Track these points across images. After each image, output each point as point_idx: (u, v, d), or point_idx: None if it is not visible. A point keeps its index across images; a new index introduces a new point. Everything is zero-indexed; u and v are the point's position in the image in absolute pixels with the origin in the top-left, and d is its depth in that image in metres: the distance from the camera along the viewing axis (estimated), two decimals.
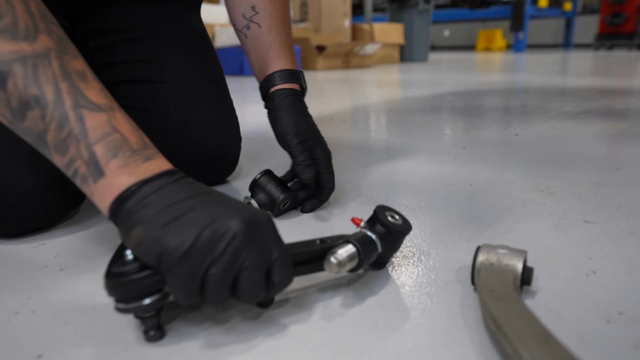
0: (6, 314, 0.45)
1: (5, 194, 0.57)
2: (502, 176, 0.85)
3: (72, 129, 0.39)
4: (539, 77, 2.85)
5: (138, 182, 0.38)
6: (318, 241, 0.46)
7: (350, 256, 0.43)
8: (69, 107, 0.40)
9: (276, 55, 0.68)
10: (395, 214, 0.49)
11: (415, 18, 4.86)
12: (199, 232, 0.35)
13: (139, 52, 0.73)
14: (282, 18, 0.70)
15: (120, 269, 0.37)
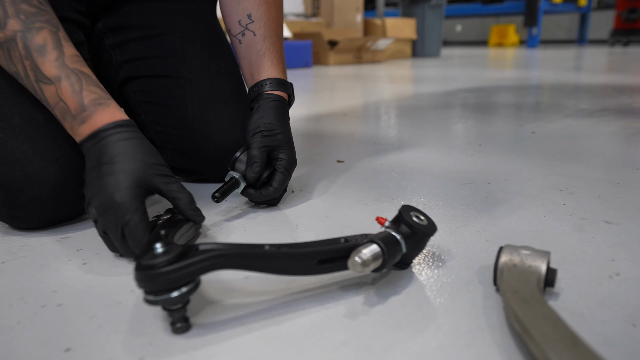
0: (33, 307, 0.45)
1: (28, 184, 0.58)
2: (520, 175, 0.84)
3: (39, 97, 0.54)
4: (553, 74, 2.82)
5: (80, 142, 0.53)
6: (342, 240, 0.46)
7: (375, 256, 0.43)
8: (34, 82, 0.53)
9: (269, 63, 0.71)
10: (420, 215, 0.49)
11: (428, 13, 4.83)
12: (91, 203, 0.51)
13: (156, 48, 0.74)
14: (276, 29, 0.72)
15: (150, 262, 0.37)
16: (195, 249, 0.40)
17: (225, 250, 0.40)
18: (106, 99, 0.54)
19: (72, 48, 0.54)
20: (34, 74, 0.52)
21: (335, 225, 0.64)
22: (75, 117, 0.52)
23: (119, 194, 0.49)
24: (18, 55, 0.52)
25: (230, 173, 0.66)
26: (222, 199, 0.63)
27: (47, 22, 0.53)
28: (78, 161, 0.61)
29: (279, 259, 0.42)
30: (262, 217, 0.67)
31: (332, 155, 1.01)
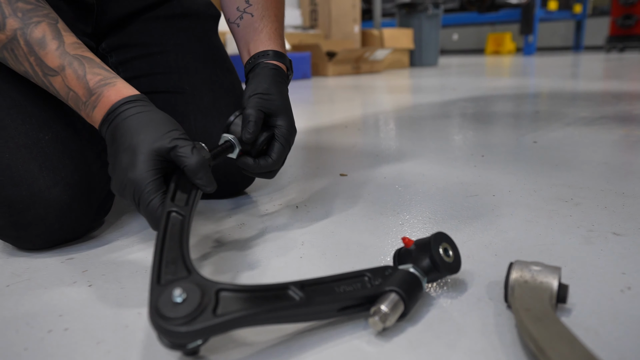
0: (39, 332, 0.45)
1: (33, 204, 0.57)
2: (524, 186, 0.84)
3: (53, 92, 0.54)
4: (551, 81, 2.83)
5: (99, 129, 0.54)
6: (367, 277, 0.44)
7: (395, 308, 0.42)
8: (42, 77, 0.53)
9: (267, 38, 0.68)
10: (450, 248, 0.48)
11: (425, 23, 4.86)
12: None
13: (159, 65, 0.75)
14: (275, 10, 0.70)
15: (168, 314, 0.36)
16: (216, 295, 0.38)
17: (249, 313, 0.38)
18: (111, 78, 0.53)
19: (72, 36, 0.54)
20: (40, 69, 0.52)
21: (341, 242, 0.63)
22: (86, 104, 0.52)
23: (131, 172, 0.48)
24: (22, 53, 0.52)
25: (224, 135, 0.60)
26: (214, 162, 0.56)
27: (44, 16, 0.53)
28: (83, 181, 0.60)
29: (301, 313, 0.41)
30: (268, 232, 0.67)
31: (334, 168, 1.01)
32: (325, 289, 0.43)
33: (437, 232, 0.49)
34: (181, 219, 0.47)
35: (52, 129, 0.59)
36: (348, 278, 0.44)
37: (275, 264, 0.57)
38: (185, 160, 0.49)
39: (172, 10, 0.77)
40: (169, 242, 0.44)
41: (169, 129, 0.51)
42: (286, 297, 0.40)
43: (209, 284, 0.39)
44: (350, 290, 0.43)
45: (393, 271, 0.45)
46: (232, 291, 0.39)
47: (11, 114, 0.57)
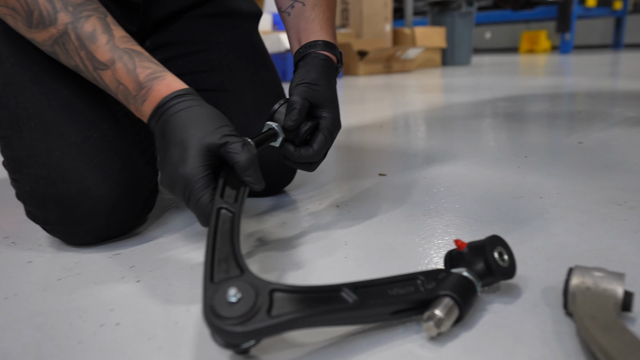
0: (92, 326, 0.45)
1: (82, 201, 0.58)
2: (573, 188, 0.81)
3: (102, 87, 0.55)
4: (591, 80, 2.73)
5: (147, 122, 0.54)
6: (420, 281, 0.43)
7: (450, 313, 0.41)
8: (92, 71, 0.54)
9: (318, 28, 0.67)
10: (504, 252, 0.47)
11: (458, 21, 4.77)
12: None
13: (202, 63, 0.75)
14: (327, 1, 0.68)
15: (224, 313, 0.36)
16: (270, 295, 0.38)
17: (303, 314, 0.37)
18: (161, 72, 0.53)
19: (121, 30, 0.54)
20: (90, 63, 0.53)
21: (385, 243, 0.62)
22: (136, 98, 0.53)
23: (181, 167, 0.48)
24: (73, 47, 0.53)
25: (267, 123, 0.59)
26: (257, 149, 0.55)
27: (94, 10, 0.53)
28: (129, 178, 0.61)
29: (354, 316, 0.40)
30: (311, 232, 0.66)
31: (373, 168, 1.00)
32: (378, 291, 0.42)
33: (492, 235, 0.47)
34: (231, 216, 0.47)
35: (100, 127, 0.60)
36: (401, 281, 0.43)
37: (320, 264, 0.57)
38: (236, 156, 0.49)
39: (215, 9, 0.77)
40: (220, 240, 0.44)
41: (219, 125, 0.50)
42: (339, 299, 0.40)
43: (263, 283, 0.39)
44: (403, 293, 0.42)
45: (446, 275, 0.44)
46: (285, 292, 0.39)
47: (62, 113, 0.58)
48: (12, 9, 0.52)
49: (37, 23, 0.52)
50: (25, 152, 0.58)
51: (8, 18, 0.53)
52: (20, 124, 0.58)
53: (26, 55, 0.59)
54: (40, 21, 0.52)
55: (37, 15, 0.51)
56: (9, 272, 0.57)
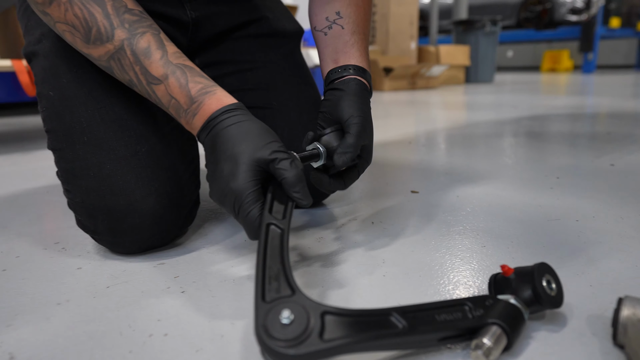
0: (141, 335, 0.46)
1: (130, 213, 0.60)
2: (609, 212, 0.80)
3: (154, 101, 0.56)
4: (616, 101, 2.70)
5: (197, 135, 0.56)
6: (467, 307, 0.43)
7: (498, 341, 0.40)
8: (145, 85, 0.55)
9: (358, 54, 0.68)
10: (552, 280, 0.47)
11: (482, 40, 4.78)
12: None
13: (249, 82, 0.77)
14: (364, 29, 0.70)
15: (277, 335, 0.36)
16: (322, 318, 0.38)
17: (355, 340, 0.38)
18: (212, 87, 0.54)
19: (173, 46, 0.56)
20: (144, 77, 0.54)
21: (422, 262, 0.62)
22: (187, 112, 0.54)
23: (232, 181, 0.49)
24: (128, 62, 0.54)
25: (316, 143, 0.60)
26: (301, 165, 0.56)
27: (149, 27, 0.55)
28: (174, 191, 0.63)
29: (404, 341, 0.40)
30: (348, 248, 0.67)
31: (405, 184, 1.00)
32: (426, 317, 0.42)
33: (540, 263, 0.47)
34: (280, 232, 0.48)
35: (148, 142, 0.62)
36: (448, 306, 0.43)
37: (360, 282, 0.57)
38: (284, 173, 0.50)
39: (261, 29, 0.80)
40: (270, 257, 0.45)
41: (269, 140, 0.51)
42: (389, 324, 0.40)
43: (314, 305, 0.39)
44: (451, 319, 0.42)
45: (494, 301, 0.44)
46: (336, 315, 0.39)
47: (113, 128, 0.61)
48: (71, 26, 0.54)
49: (94, 39, 0.54)
50: (78, 165, 0.60)
51: (67, 34, 0.56)
52: (74, 138, 0.60)
53: (82, 72, 0.62)
54: (98, 37, 0.54)
55: (95, 31, 0.53)
56: (61, 278, 0.59)
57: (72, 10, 0.53)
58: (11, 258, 0.66)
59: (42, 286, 0.57)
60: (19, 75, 1.52)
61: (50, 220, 0.84)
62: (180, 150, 0.66)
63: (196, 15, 0.72)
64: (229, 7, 0.77)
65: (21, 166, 1.32)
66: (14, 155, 1.49)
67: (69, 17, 0.53)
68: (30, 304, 0.53)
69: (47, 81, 0.63)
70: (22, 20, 0.69)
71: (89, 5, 0.53)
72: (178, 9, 0.70)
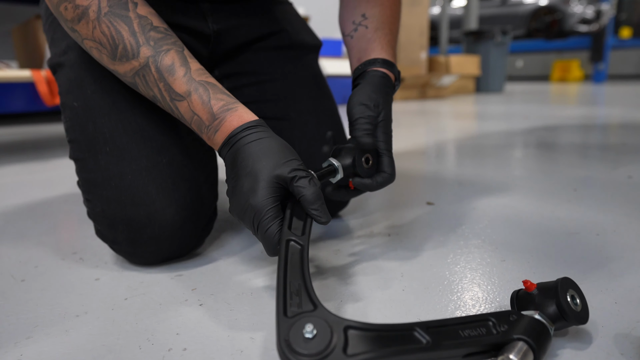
0: (160, 349, 0.46)
1: (150, 223, 0.60)
2: (629, 226, 0.78)
3: (177, 116, 0.56)
4: (629, 111, 2.68)
5: (218, 151, 0.56)
6: (491, 322, 0.42)
7: (524, 358, 0.40)
8: (169, 101, 0.55)
9: (379, 48, 0.68)
10: (577, 295, 0.46)
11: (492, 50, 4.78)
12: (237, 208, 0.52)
13: (268, 92, 0.77)
14: (390, 24, 0.70)
15: (300, 350, 0.36)
16: (345, 332, 0.38)
17: (379, 354, 0.38)
18: (233, 104, 0.55)
19: (196, 63, 0.56)
20: (168, 94, 0.55)
21: (441, 276, 0.61)
22: (209, 128, 0.54)
23: (252, 197, 0.49)
24: (153, 79, 0.55)
25: (330, 160, 0.60)
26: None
27: (173, 44, 0.55)
28: (194, 203, 0.63)
29: (427, 357, 0.40)
30: (365, 261, 0.66)
31: (420, 196, 1.00)
32: (450, 332, 0.41)
33: (563, 278, 0.46)
34: (300, 248, 0.48)
35: (169, 153, 0.62)
36: (472, 322, 0.43)
37: (379, 295, 0.56)
38: (303, 190, 0.50)
39: (281, 41, 0.80)
40: (291, 272, 0.45)
41: (288, 158, 0.51)
42: (412, 339, 0.39)
43: (337, 320, 0.39)
44: (475, 335, 0.41)
45: (518, 317, 0.43)
46: (359, 329, 0.39)
47: (135, 139, 0.61)
48: (98, 43, 0.55)
49: (120, 56, 0.54)
50: (100, 175, 0.60)
51: (93, 51, 0.56)
52: (97, 148, 0.61)
53: (106, 83, 0.62)
54: (124, 54, 0.54)
55: (122, 49, 0.54)
56: (79, 289, 0.59)
57: (99, 28, 0.53)
58: (30, 268, 0.66)
59: (60, 297, 0.57)
60: (38, 85, 1.54)
61: (68, 229, 0.84)
62: (200, 162, 0.66)
63: (217, 27, 0.73)
64: (250, 19, 0.77)
65: (39, 175, 1.33)
66: (32, 164, 1.50)
67: (97, 35, 0.54)
68: (49, 316, 0.52)
69: (71, 92, 0.64)
70: (48, 32, 0.70)
71: (116, 23, 0.53)
72: (200, 21, 0.71)
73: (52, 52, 0.68)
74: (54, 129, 2.43)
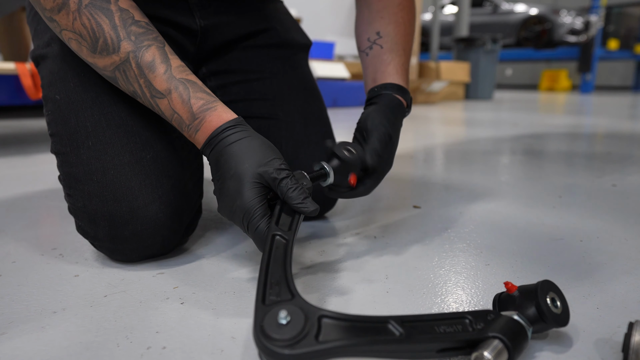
0: (139, 347, 0.45)
1: (131, 220, 0.59)
2: (612, 233, 0.79)
3: (158, 112, 0.56)
4: (617, 122, 2.72)
5: (201, 150, 0.56)
6: (468, 320, 0.42)
7: (498, 356, 0.40)
8: (149, 98, 0.55)
9: (394, 72, 0.70)
10: (557, 298, 0.46)
11: (482, 57, 4.82)
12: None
13: (255, 91, 0.77)
14: (404, 45, 0.72)
15: (274, 335, 0.36)
16: (319, 321, 0.38)
17: (351, 342, 0.38)
18: (213, 102, 0.55)
19: (177, 60, 0.56)
20: (148, 90, 0.54)
21: (426, 279, 0.61)
22: (190, 127, 0.55)
23: (239, 199, 0.50)
24: (133, 74, 0.54)
25: (322, 163, 0.61)
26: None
27: (154, 40, 0.55)
28: (178, 200, 0.62)
29: (400, 349, 0.40)
30: (350, 263, 0.66)
31: (407, 199, 1.00)
32: (425, 327, 0.41)
33: (544, 280, 0.46)
34: (284, 242, 0.49)
35: (153, 149, 0.61)
36: (448, 318, 0.43)
37: (362, 297, 0.56)
38: (287, 190, 0.51)
39: (269, 39, 0.80)
40: (273, 265, 0.45)
41: (270, 157, 0.52)
42: (386, 331, 0.40)
43: (312, 309, 0.39)
44: (450, 331, 0.41)
45: (496, 316, 0.43)
46: (333, 319, 0.39)
47: (119, 133, 0.60)
48: (78, 34, 0.54)
49: (101, 50, 0.54)
50: (82, 169, 0.59)
51: (72, 43, 0.55)
52: (79, 142, 0.59)
53: (89, 76, 0.61)
54: (105, 48, 0.53)
55: (102, 42, 0.53)
56: (58, 285, 0.57)
57: (80, 20, 0.53)
58: (7, 263, 0.64)
59: (38, 293, 0.55)
60: (22, 78, 1.51)
61: (48, 225, 0.83)
62: (185, 159, 0.65)
63: (205, 23, 0.72)
64: (238, 16, 0.77)
65: (20, 169, 1.31)
66: (14, 158, 1.48)
67: (77, 26, 0.53)
68: (26, 312, 0.51)
69: (54, 84, 0.62)
70: (31, 24, 0.68)
71: (97, 16, 0.52)
72: (187, 17, 0.70)
73: (35, 44, 0.66)
74: (37, 124, 2.39)
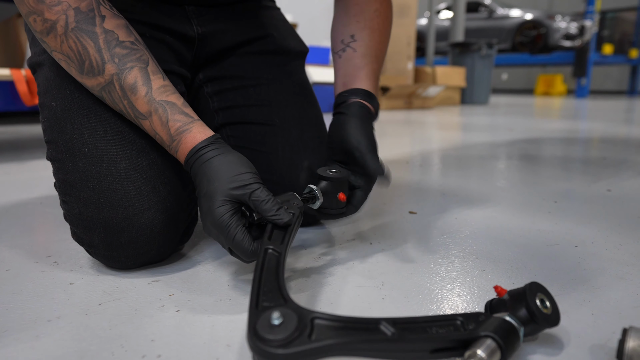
0: (134, 356, 0.45)
1: (127, 227, 0.59)
2: (607, 238, 0.80)
3: (144, 130, 0.59)
4: (610, 126, 2.73)
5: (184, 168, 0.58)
6: (459, 321, 0.43)
7: (491, 355, 0.40)
8: (134, 118, 0.58)
9: (365, 77, 0.71)
10: (546, 298, 0.46)
11: (478, 62, 4.85)
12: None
13: (252, 98, 0.77)
14: (377, 52, 0.73)
15: (265, 335, 0.37)
16: (311, 322, 0.39)
17: (343, 341, 0.38)
18: (189, 124, 0.57)
19: (159, 80, 0.58)
20: (132, 111, 0.57)
21: (422, 285, 0.61)
22: (170, 148, 0.58)
23: (210, 217, 0.53)
24: (117, 96, 0.57)
25: (311, 186, 0.63)
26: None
27: (137, 60, 0.56)
28: (173, 207, 0.62)
29: (392, 349, 0.40)
30: (346, 269, 0.66)
31: (403, 205, 1.00)
32: (417, 328, 0.42)
33: (532, 282, 0.46)
34: (277, 255, 0.50)
35: (149, 156, 0.61)
36: (440, 320, 0.43)
37: (358, 304, 0.56)
38: (258, 204, 0.53)
39: (266, 46, 0.80)
40: (266, 275, 0.46)
41: (241, 172, 0.54)
42: (378, 332, 0.40)
43: (305, 311, 0.40)
44: (443, 332, 0.42)
45: (487, 318, 0.44)
46: (326, 320, 0.40)
47: (115, 140, 0.60)
48: (66, 56, 0.56)
49: (87, 71, 0.56)
50: (78, 176, 0.59)
51: (62, 62, 0.58)
52: (75, 149, 0.59)
53: None
54: (90, 70, 0.56)
55: (88, 64, 0.55)
56: (53, 293, 0.57)
57: (67, 43, 0.55)
58: (1, 271, 0.64)
59: (32, 302, 0.55)
60: (17, 85, 1.51)
61: (43, 232, 0.82)
62: (180, 167, 0.65)
63: (202, 30, 0.73)
64: (235, 24, 0.77)
65: (15, 176, 1.30)
66: (9, 164, 1.47)
67: (65, 49, 0.55)
68: (20, 321, 0.51)
69: (50, 92, 0.63)
70: (29, 31, 0.69)
71: (82, 39, 0.54)
72: (185, 24, 0.71)
73: (32, 51, 0.67)
74: (32, 130, 2.39)
